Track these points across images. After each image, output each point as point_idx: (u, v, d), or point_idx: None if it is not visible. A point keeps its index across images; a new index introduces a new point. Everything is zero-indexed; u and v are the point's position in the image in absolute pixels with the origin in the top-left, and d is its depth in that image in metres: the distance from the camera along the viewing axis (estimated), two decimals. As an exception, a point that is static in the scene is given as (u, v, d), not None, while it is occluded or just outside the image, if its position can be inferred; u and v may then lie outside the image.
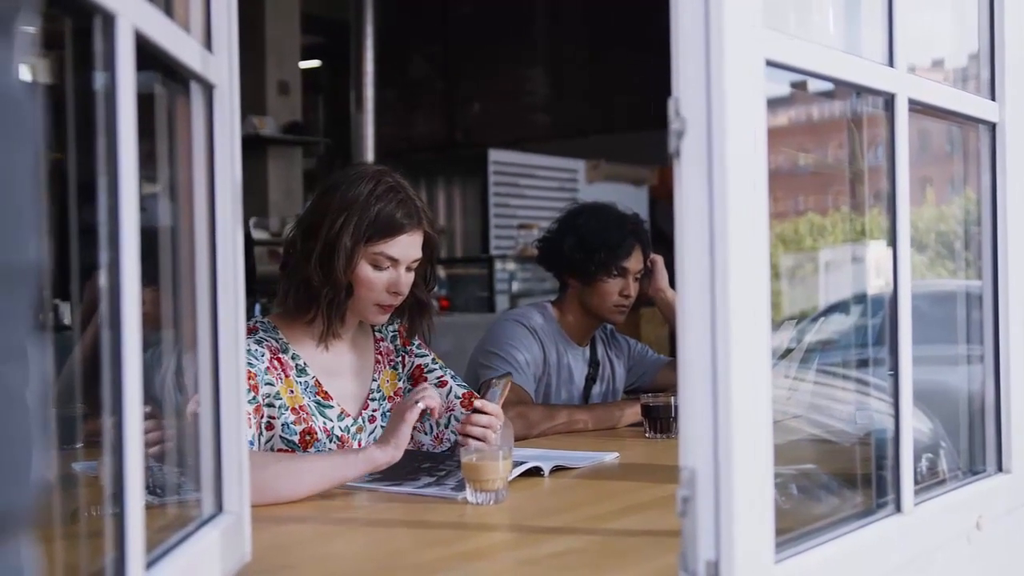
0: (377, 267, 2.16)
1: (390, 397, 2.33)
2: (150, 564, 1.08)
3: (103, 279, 0.99)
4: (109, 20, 0.98)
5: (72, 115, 1.07)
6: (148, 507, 1.05)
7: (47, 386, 0.60)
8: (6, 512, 0.55)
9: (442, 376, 2.37)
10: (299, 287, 2.17)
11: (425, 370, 2.39)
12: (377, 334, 2.38)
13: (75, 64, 1.05)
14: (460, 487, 1.88)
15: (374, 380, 2.31)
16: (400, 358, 2.38)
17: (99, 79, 1.00)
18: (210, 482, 1.35)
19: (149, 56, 1.10)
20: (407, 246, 2.19)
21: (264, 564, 1.44)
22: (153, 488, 1.33)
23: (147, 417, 1.05)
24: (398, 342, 2.39)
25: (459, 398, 2.32)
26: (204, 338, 1.35)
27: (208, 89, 1.33)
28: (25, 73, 0.58)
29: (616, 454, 2.34)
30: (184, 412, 1.43)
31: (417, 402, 1.95)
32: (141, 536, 1.01)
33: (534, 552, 1.55)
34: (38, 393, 0.58)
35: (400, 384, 2.36)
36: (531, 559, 1.51)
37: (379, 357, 2.35)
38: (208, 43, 1.33)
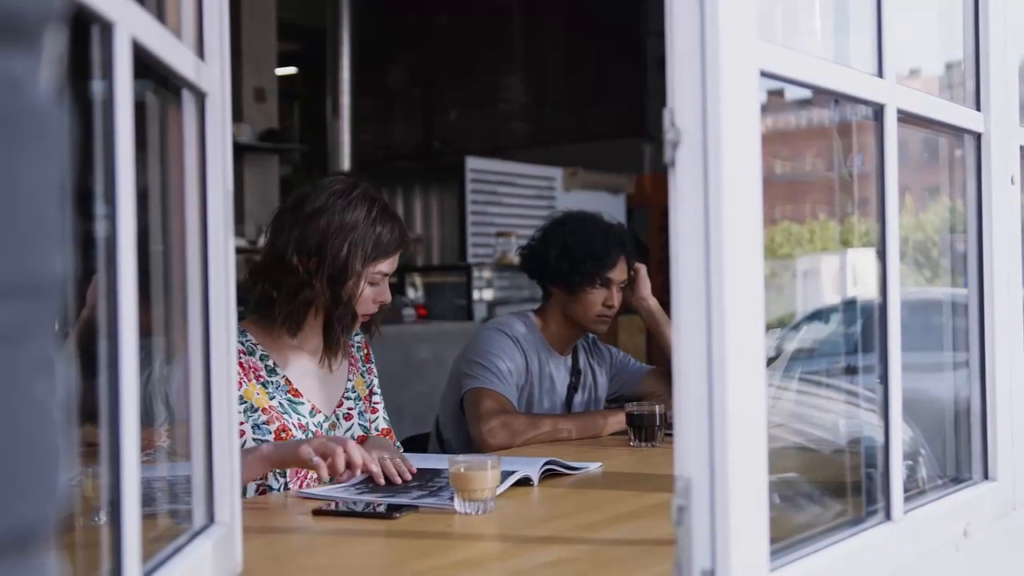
0: (372, 284, 2.27)
1: (365, 398, 2.42)
2: (145, 576, 1.07)
3: (101, 287, 0.98)
4: (107, 29, 0.97)
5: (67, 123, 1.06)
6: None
7: (71, 398, 0.60)
8: (36, 524, 0.55)
9: (378, 404, 2.47)
10: (303, 307, 2.22)
11: (373, 393, 2.48)
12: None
13: (69, 72, 1.04)
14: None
15: (349, 380, 2.40)
16: (367, 367, 2.48)
17: (96, 87, 1.00)
18: (201, 493, 1.34)
19: (143, 64, 1.09)
20: (396, 261, 2.31)
21: None
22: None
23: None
24: (362, 353, 2.48)
25: (378, 431, 2.41)
26: (195, 348, 1.34)
27: (200, 97, 1.32)
28: (52, 83, 0.58)
29: (600, 464, 2.34)
30: (174, 423, 1.43)
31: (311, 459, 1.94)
32: (138, 548, 1.00)
33: (526, 562, 1.54)
34: (63, 405, 0.58)
35: (367, 390, 2.45)
36: (523, 569, 1.50)
37: (352, 360, 2.43)
38: (200, 51, 1.32)
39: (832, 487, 1.72)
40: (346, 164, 8.68)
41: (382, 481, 2.01)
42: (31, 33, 0.55)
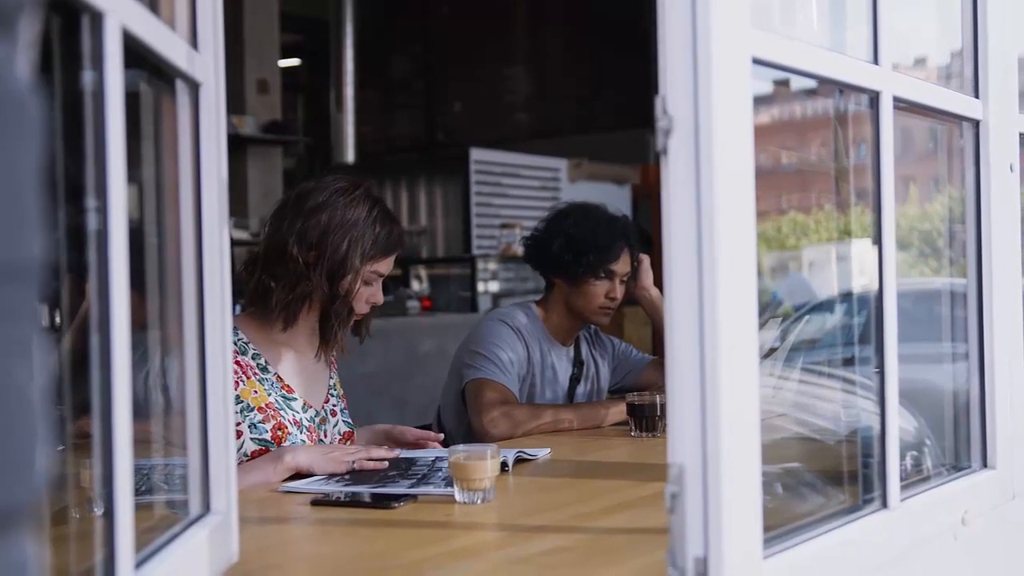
0: (366, 283, 2.29)
1: (342, 396, 2.46)
2: (139, 564, 1.08)
3: (92, 280, 0.98)
4: (97, 18, 0.97)
5: (56, 113, 1.07)
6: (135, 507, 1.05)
7: (51, 382, 0.60)
8: (12, 507, 0.55)
9: (342, 406, 2.48)
10: (299, 300, 2.24)
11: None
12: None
13: (60, 62, 1.04)
14: (450, 483, 1.88)
15: (331, 378, 2.44)
16: (336, 368, 2.51)
17: (86, 77, 1.00)
18: (197, 483, 1.35)
19: (135, 54, 1.09)
20: (392, 262, 2.34)
21: (251, 565, 1.44)
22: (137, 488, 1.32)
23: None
24: (334, 354, 2.49)
25: (340, 435, 2.41)
26: (190, 339, 1.34)
27: (194, 87, 1.32)
28: (28, 70, 0.58)
29: (548, 450, 2.35)
30: (171, 414, 1.43)
31: (353, 463, 2.10)
32: (131, 536, 1.00)
33: (523, 550, 1.55)
34: (41, 388, 0.58)
35: (342, 389, 2.49)
36: (521, 557, 1.51)
37: (333, 360, 2.46)
38: (194, 41, 1.33)
39: (831, 476, 1.72)
40: (350, 156, 8.68)
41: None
42: (7, 19, 0.55)
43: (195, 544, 1.25)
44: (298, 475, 2.06)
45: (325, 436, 2.34)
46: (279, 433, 2.20)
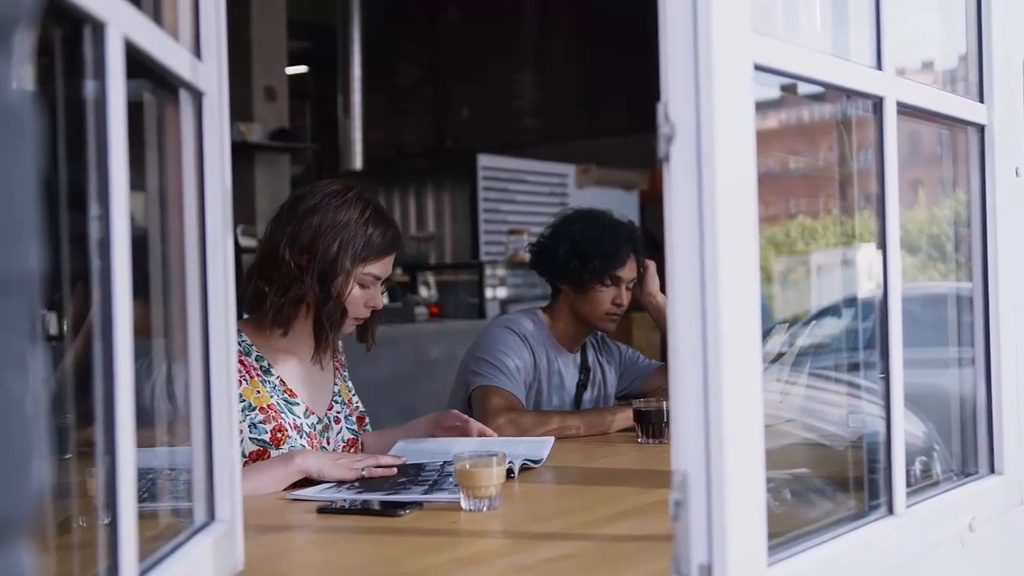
0: (362, 286, 2.28)
1: (348, 402, 2.45)
2: (143, 573, 1.08)
3: (95, 289, 0.99)
4: (99, 28, 0.97)
5: (60, 123, 1.07)
6: (139, 515, 1.05)
7: (46, 393, 0.61)
8: (9, 518, 0.55)
9: (347, 413, 2.47)
10: (293, 303, 2.25)
11: (351, 402, 2.51)
12: None
13: (63, 72, 1.04)
14: (457, 490, 1.88)
15: (335, 384, 2.43)
16: (346, 372, 2.51)
17: (88, 87, 1.00)
18: (202, 491, 1.35)
19: (138, 64, 1.09)
20: (389, 265, 2.33)
21: (256, 573, 1.43)
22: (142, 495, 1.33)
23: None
24: (342, 359, 2.51)
25: (344, 442, 2.41)
26: (195, 347, 1.35)
27: (197, 97, 1.33)
28: (24, 82, 0.58)
29: (551, 440, 2.36)
30: (175, 422, 1.43)
31: (362, 470, 2.10)
32: (134, 545, 1.01)
33: (528, 558, 1.55)
34: (37, 400, 0.58)
35: (350, 395, 2.49)
36: (525, 565, 1.50)
37: (337, 365, 2.46)
38: (197, 51, 1.33)
39: (838, 482, 1.72)
40: (358, 163, 8.68)
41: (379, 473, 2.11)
42: (2, 32, 0.56)
43: (200, 553, 1.26)
44: (305, 481, 2.06)
45: (328, 443, 2.34)
46: (278, 435, 2.21)
